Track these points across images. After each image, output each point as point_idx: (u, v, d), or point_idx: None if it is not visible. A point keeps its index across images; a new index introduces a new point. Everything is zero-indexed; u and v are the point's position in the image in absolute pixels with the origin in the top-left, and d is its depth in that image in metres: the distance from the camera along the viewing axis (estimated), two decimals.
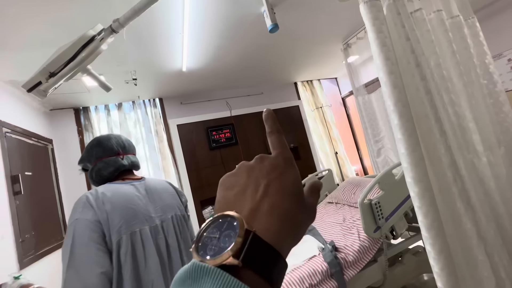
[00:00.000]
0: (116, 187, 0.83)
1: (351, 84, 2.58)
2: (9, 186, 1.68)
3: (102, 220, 0.72)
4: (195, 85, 2.93)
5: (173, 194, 0.94)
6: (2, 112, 1.81)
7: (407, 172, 0.94)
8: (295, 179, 0.24)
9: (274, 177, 0.23)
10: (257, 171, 0.24)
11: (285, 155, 0.25)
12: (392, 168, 1.60)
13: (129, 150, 0.94)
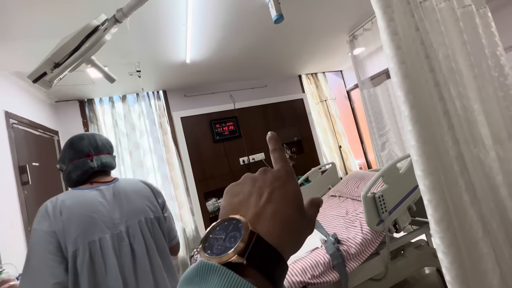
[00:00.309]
0: (79, 194, 0.82)
1: (357, 77, 2.54)
2: (17, 176, 1.71)
3: (58, 231, 0.73)
4: (199, 77, 2.91)
5: (147, 196, 0.92)
6: (9, 103, 1.82)
7: (417, 165, 0.92)
8: (296, 190, 0.26)
9: (277, 186, 0.25)
10: (261, 181, 0.26)
11: (287, 168, 0.27)
12: (396, 162, 1.58)
13: (102, 150, 0.92)
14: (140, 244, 0.83)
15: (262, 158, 3.24)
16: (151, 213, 0.89)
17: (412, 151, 0.97)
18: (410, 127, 0.95)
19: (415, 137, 0.95)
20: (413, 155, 0.97)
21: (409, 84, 0.93)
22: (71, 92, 2.53)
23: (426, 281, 1.94)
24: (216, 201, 2.95)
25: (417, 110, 0.95)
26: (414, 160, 0.98)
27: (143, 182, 0.97)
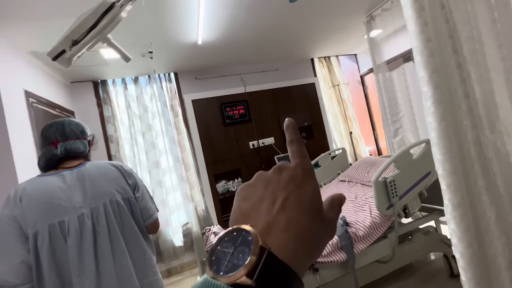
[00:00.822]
0: (40, 180, 0.87)
1: (372, 60, 2.46)
2: (39, 153, 1.79)
3: (18, 216, 0.80)
4: (210, 59, 2.89)
5: (114, 178, 0.94)
6: (27, 83, 1.88)
7: (437, 148, 0.91)
8: (314, 192, 0.23)
9: (292, 190, 0.22)
10: (274, 183, 0.23)
11: (304, 166, 0.24)
12: (410, 147, 1.56)
13: (69, 136, 0.93)
14: (103, 226, 0.87)
15: (272, 143, 3.25)
16: (118, 195, 0.92)
17: (433, 134, 0.96)
18: (433, 109, 0.93)
19: (437, 119, 0.93)
20: (434, 139, 0.96)
21: (434, 64, 0.90)
22: (85, 73, 2.57)
23: (432, 266, 1.97)
24: (226, 183, 3.02)
25: (441, 91, 0.92)
26: (434, 143, 0.96)
27: (112, 164, 0.99)
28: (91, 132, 1.05)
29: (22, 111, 1.74)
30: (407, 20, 0.82)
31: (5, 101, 1.57)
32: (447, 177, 0.93)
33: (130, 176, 1.00)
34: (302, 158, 0.24)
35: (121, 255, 0.89)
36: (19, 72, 1.82)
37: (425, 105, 0.97)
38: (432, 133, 0.98)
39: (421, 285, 1.77)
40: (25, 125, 1.74)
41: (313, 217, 0.21)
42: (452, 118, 0.92)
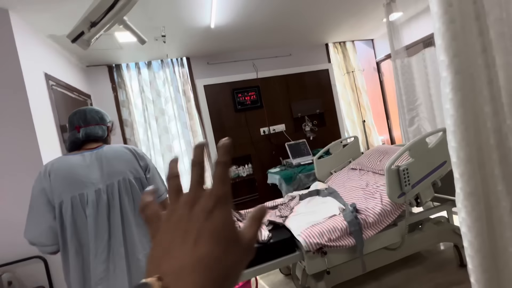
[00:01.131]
0: (65, 159, 1.01)
1: (390, 45, 2.35)
2: (59, 134, 1.88)
3: (47, 188, 0.94)
4: (222, 44, 2.86)
5: (128, 160, 1.05)
6: (47, 66, 1.93)
7: (453, 136, 0.89)
8: (226, 220, 0.22)
9: (202, 224, 0.21)
10: (185, 220, 0.22)
11: (218, 192, 0.23)
12: (426, 136, 1.53)
13: (90, 122, 1.06)
14: (116, 201, 0.99)
15: (283, 130, 3.24)
16: (131, 175, 1.04)
17: (449, 122, 0.93)
18: (451, 95, 0.90)
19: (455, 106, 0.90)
20: (450, 126, 0.93)
21: (456, 47, 0.86)
22: (100, 57, 2.61)
23: (441, 256, 1.96)
24: (236, 169, 3.07)
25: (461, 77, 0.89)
26: (450, 131, 0.94)
27: (127, 147, 1.10)
28: (110, 119, 1.18)
29: (43, 94, 1.81)
30: (430, 1, 0.78)
31: (28, 83, 1.63)
32: (461, 165, 0.91)
33: (142, 159, 1.10)
34: (218, 184, 0.23)
35: (129, 227, 1.01)
36: (39, 55, 1.88)
37: (443, 91, 0.94)
38: (448, 120, 0.95)
39: (429, 273, 1.78)
40: (47, 107, 1.82)
41: (226, 247, 0.21)
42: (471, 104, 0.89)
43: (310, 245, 1.36)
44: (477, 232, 0.89)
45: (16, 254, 1.56)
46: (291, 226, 1.54)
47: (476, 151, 0.89)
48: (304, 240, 1.38)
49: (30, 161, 1.60)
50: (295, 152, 2.97)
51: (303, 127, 3.28)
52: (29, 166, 1.60)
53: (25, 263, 1.57)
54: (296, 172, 2.62)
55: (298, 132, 3.29)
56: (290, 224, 1.58)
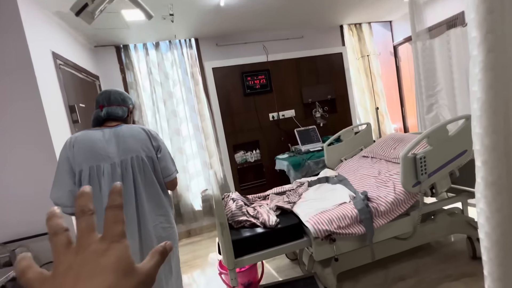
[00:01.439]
0: (88, 132, 1.13)
1: (411, 27, 2.20)
2: (68, 114, 1.87)
3: (70, 157, 1.07)
4: (232, 24, 2.74)
5: (142, 139, 1.16)
6: (54, 44, 1.90)
7: (479, 122, 0.82)
8: (120, 255, 0.23)
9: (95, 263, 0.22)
10: (76, 267, 0.22)
11: (113, 232, 0.24)
12: (447, 123, 1.44)
13: (112, 102, 1.18)
14: (129, 175, 1.11)
15: (292, 115, 3.16)
16: (143, 153, 1.15)
17: (476, 105, 0.85)
18: (480, 75, 0.82)
19: (484, 88, 0.82)
20: (477, 110, 0.85)
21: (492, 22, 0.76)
22: (108, 37, 2.56)
23: (452, 247, 1.92)
24: (244, 154, 3.04)
25: (494, 55, 0.80)
26: (476, 116, 0.86)
27: (142, 128, 1.21)
28: (133, 101, 1.29)
29: (51, 73, 1.78)
30: None
31: (35, 62, 1.60)
32: (484, 153, 0.83)
33: (155, 140, 1.20)
34: (112, 225, 0.24)
35: (141, 199, 1.12)
36: (46, 34, 1.84)
37: (472, 71, 0.85)
38: (474, 103, 0.87)
39: (440, 264, 1.75)
40: (55, 86, 1.80)
41: (120, 277, 0.22)
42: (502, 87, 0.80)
43: (319, 232, 1.33)
44: (496, 223, 0.83)
45: (31, 230, 1.60)
46: (299, 212, 1.52)
47: (504, 139, 0.82)
48: (312, 227, 1.35)
49: (40, 142, 1.61)
50: (304, 138, 2.91)
51: (313, 113, 3.19)
52: (39, 146, 1.61)
53: (38, 239, 1.62)
54: (305, 159, 2.57)
55: (308, 118, 3.21)
56: (298, 210, 1.55)
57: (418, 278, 1.66)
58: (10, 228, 1.58)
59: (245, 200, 1.81)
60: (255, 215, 1.56)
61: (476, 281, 1.53)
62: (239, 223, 1.50)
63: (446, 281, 1.59)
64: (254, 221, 1.49)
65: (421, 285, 1.59)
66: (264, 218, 1.48)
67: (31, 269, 0.22)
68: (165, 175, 1.20)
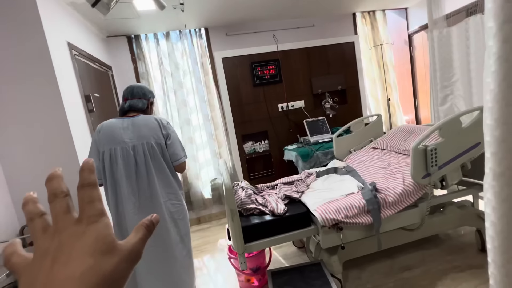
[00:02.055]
0: (111, 121, 1.36)
1: (428, 14, 2.12)
2: (84, 104, 1.94)
3: (97, 140, 1.33)
4: (242, 13, 2.71)
5: (153, 128, 1.36)
6: (69, 35, 1.95)
7: (490, 113, 0.81)
8: (98, 235, 0.22)
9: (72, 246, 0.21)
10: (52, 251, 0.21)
11: (89, 213, 0.23)
12: (460, 115, 1.41)
13: (135, 96, 1.40)
14: (141, 158, 1.32)
15: (302, 106, 3.15)
16: (153, 140, 1.35)
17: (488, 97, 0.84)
18: (494, 67, 0.80)
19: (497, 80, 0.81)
20: (489, 101, 0.84)
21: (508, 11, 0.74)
22: (119, 27, 2.59)
23: (461, 240, 1.92)
24: (253, 144, 3.07)
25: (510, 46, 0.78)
26: (487, 107, 0.85)
27: (155, 118, 1.39)
28: (153, 95, 1.51)
29: (67, 63, 1.84)
30: None
31: (52, 52, 1.66)
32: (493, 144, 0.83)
33: (165, 128, 1.39)
34: (88, 206, 0.23)
35: (152, 178, 1.34)
36: (61, 24, 1.88)
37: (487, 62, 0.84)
38: (487, 95, 0.86)
39: (447, 256, 1.76)
40: (71, 76, 1.86)
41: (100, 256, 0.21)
42: None
43: (326, 220, 1.36)
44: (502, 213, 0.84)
45: None
46: (307, 201, 1.55)
47: None
48: (320, 215, 1.38)
49: (59, 132, 1.68)
50: (313, 129, 2.90)
51: (323, 104, 3.17)
52: (58, 136, 1.68)
53: None
54: (314, 150, 2.58)
55: (318, 109, 3.19)
56: (306, 199, 1.58)
57: (424, 268, 1.67)
58: None
59: (254, 189, 1.86)
60: (263, 203, 1.60)
61: (484, 273, 1.54)
62: (248, 210, 1.54)
63: (453, 272, 1.60)
64: (263, 209, 1.53)
65: (427, 275, 1.61)
66: (272, 206, 1.52)
67: (15, 254, 0.23)
68: (173, 159, 1.39)
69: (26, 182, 1.67)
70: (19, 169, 1.66)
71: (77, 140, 1.75)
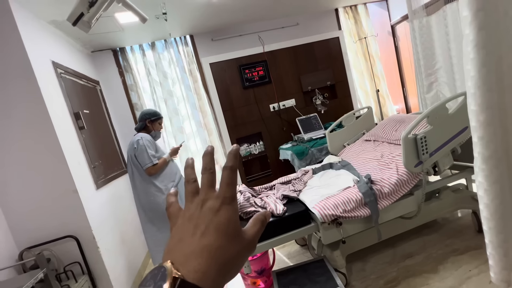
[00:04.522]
0: None
1: (407, 4, 2.16)
2: (74, 121, 1.92)
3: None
4: (226, 17, 2.73)
5: (130, 145, 2.00)
6: (53, 53, 1.93)
7: (473, 99, 0.84)
8: (230, 218, 0.25)
9: (210, 220, 0.25)
10: (195, 217, 0.26)
11: (226, 194, 0.26)
12: (446, 101, 1.45)
13: (138, 120, 2.10)
14: (129, 167, 2.03)
15: (293, 105, 3.17)
16: (130, 153, 2.01)
17: (470, 83, 0.87)
18: (473, 54, 0.83)
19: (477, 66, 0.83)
20: (471, 88, 0.87)
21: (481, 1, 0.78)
22: (104, 41, 2.57)
23: (458, 223, 1.95)
24: (248, 147, 3.08)
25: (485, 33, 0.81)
26: (470, 93, 0.88)
27: (135, 138, 1.99)
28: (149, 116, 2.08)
29: (53, 82, 1.82)
30: None
31: (37, 72, 1.64)
32: (479, 129, 0.86)
33: (134, 144, 1.97)
34: (226, 187, 0.26)
35: (134, 182, 2.02)
36: (44, 43, 1.86)
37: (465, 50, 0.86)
38: (469, 81, 0.88)
39: (446, 240, 1.79)
40: (58, 95, 1.84)
41: (229, 240, 0.24)
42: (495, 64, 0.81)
43: (325, 217, 1.38)
44: (494, 195, 0.87)
45: (51, 234, 1.69)
46: (305, 199, 1.56)
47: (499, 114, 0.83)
48: (318, 212, 1.40)
49: (51, 150, 1.66)
50: (306, 126, 2.93)
51: (314, 101, 3.20)
52: (51, 155, 1.67)
53: (59, 242, 1.70)
54: (308, 147, 2.60)
55: (309, 106, 3.22)
56: (304, 198, 1.60)
57: (425, 254, 1.70)
58: (32, 233, 1.66)
59: (252, 191, 1.86)
60: (262, 205, 1.61)
61: (481, 253, 1.57)
62: (248, 214, 1.55)
63: (453, 255, 1.63)
64: (262, 211, 1.54)
65: (429, 261, 1.64)
66: (271, 207, 1.53)
67: (173, 205, 0.29)
68: (142, 165, 1.95)
69: (21, 206, 1.65)
70: (13, 194, 1.64)
71: (70, 158, 1.74)
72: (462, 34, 0.86)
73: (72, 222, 1.71)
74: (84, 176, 1.88)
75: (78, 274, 1.71)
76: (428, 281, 1.49)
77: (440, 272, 1.53)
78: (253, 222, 0.28)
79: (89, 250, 1.76)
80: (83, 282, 1.67)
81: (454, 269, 1.52)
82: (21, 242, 1.65)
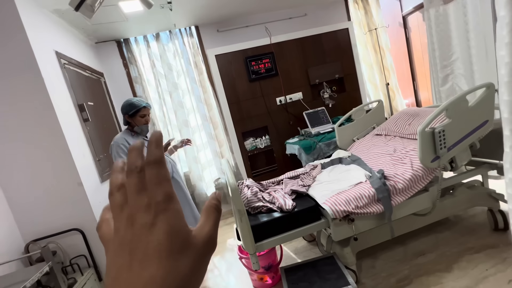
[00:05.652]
0: None
1: None
2: (78, 113, 1.89)
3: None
4: (232, 7, 2.64)
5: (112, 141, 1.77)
6: (57, 44, 1.89)
7: (507, 88, 0.77)
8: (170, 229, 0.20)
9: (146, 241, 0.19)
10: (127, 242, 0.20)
11: (157, 197, 0.20)
12: (467, 93, 1.37)
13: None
14: None
15: (300, 98, 3.09)
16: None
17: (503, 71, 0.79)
18: (508, 38, 0.75)
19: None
20: (504, 76, 0.80)
21: None
22: (107, 32, 2.52)
23: (472, 221, 1.89)
24: (253, 141, 3.03)
25: None
26: (503, 82, 0.80)
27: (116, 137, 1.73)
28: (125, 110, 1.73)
29: (57, 73, 1.78)
30: None
31: (40, 63, 1.60)
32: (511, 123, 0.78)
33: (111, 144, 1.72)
34: (155, 188, 0.20)
35: None
36: (47, 33, 1.82)
37: (499, 34, 0.79)
38: (502, 69, 0.81)
39: (460, 238, 1.73)
40: (62, 86, 1.80)
41: (176, 258, 0.19)
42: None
43: (337, 213, 1.33)
44: None
45: (57, 226, 1.67)
46: (315, 195, 1.52)
47: None
48: (330, 208, 1.35)
49: (55, 143, 1.64)
50: (313, 120, 2.86)
51: (321, 94, 3.11)
52: (55, 147, 1.64)
53: (65, 235, 1.69)
54: (316, 141, 2.54)
55: (316, 100, 3.14)
56: (314, 193, 1.55)
57: (438, 252, 1.65)
58: (38, 226, 1.65)
59: (259, 186, 1.82)
60: (270, 200, 1.57)
61: (499, 252, 1.51)
62: (256, 209, 1.51)
63: (468, 253, 1.58)
64: (270, 206, 1.50)
65: (442, 259, 1.59)
66: (280, 202, 1.49)
67: (105, 223, 0.23)
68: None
69: (26, 199, 1.64)
70: (18, 187, 1.62)
71: (75, 151, 1.71)
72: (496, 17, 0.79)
73: (77, 215, 1.70)
74: (89, 168, 1.85)
75: (84, 267, 1.71)
76: (441, 280, 1.44)
77: (454, 271, 1.48)
78: (206, 213, 0.23)
79: (95, 243, 1.74)
80: (89, 275, 1.66)
81: (469, 268, 1.47)
82: (27, 234, 1.64)
